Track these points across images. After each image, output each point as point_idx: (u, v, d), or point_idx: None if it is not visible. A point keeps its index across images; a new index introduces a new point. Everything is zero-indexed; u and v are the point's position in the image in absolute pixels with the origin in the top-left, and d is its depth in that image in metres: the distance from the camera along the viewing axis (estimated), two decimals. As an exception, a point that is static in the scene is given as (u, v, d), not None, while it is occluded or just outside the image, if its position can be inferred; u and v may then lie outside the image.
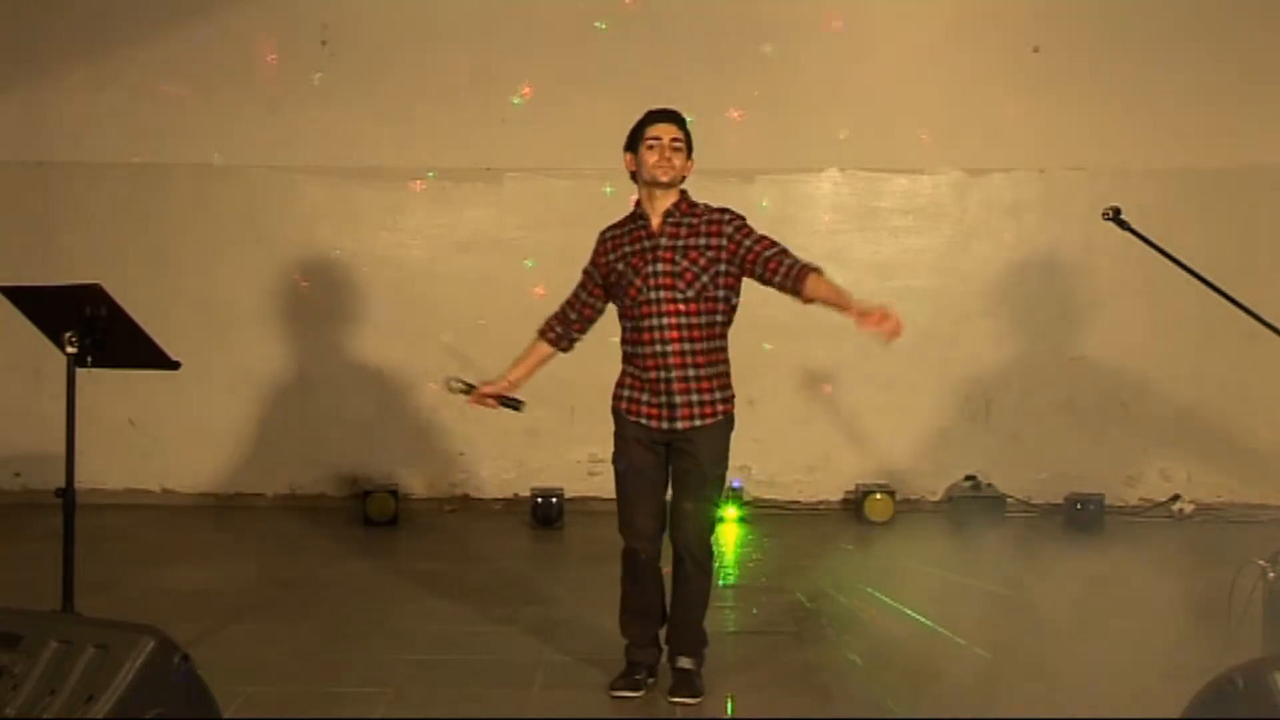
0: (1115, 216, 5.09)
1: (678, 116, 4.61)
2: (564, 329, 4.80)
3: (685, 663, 4.67)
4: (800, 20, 7.59)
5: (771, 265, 4.47)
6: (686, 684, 4.62)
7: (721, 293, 4.51)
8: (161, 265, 7.57)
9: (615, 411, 4.65)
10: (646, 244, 4.53)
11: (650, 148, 4.52)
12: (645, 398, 4.54)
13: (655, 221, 4.54)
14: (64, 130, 7.60)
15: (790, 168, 7.60)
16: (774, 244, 4.52)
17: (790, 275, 4.43)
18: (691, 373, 4.49)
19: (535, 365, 4.85)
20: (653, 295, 4.49)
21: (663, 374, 4.50)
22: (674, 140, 4.53)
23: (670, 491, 4.62)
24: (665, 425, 4.52)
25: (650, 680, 4.70)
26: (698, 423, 4.50)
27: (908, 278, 7.68)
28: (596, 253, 4.69)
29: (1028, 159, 7.66)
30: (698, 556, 4.59)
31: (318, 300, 7.66)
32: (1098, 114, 7.56)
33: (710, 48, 7.53)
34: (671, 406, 4.50)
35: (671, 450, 4.57)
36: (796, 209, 7.65)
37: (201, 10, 7.57)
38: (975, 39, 7.61)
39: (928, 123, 7.62)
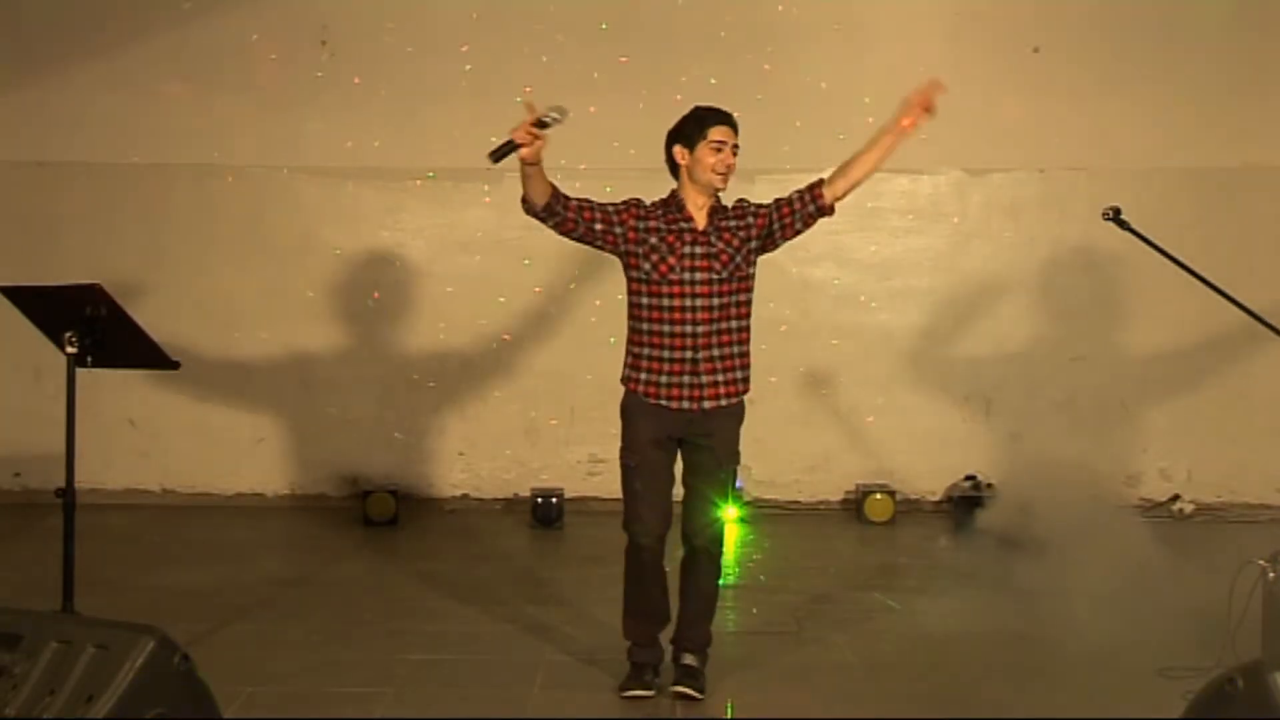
0: (1115, 216, 5.10)
1: (735, 121, 4.60)
2: (563, 204, 4.63)
3: (690, 659, 4.68)
4: (800, 20, 7.59)
5: (785, 209, 4.58)
6: (690, 677, 4.63)
7: (751, 269, 4.59)
8: (161, 265, 7.56)
9: (626, 407, 4.60)
10: (684, 225, 4.53)
11: (716, 150, 4.51)
12: (665, 379, 4.52)
13: (697, 214, 4.56)
14: (64, 130, 7.59)
15: (790, 168, 7.57)
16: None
17: (807, 198, 4.55)
18: (717, 352, 4.53)
19: (538, 172, 4.66)
20: (687, 276, 4.49)
21: (689, 354, 4.50)
22: (736, 147, 4.55)
23: (683, 485, 4.62)
24: (687, 405, 4.50)
25: (657, 680, 4.70)
26: (723, 402, 4.53)
27: (908, 278, 7.68)
28: (627, 209, 4.61)
29: (1028, 159, 7.66)
30: (710, 550, 4.62)
31: (318, 300, 7.65)
32: (1098, 114, 7.56)
33: (711, 47, 7.52)
34: (699, 386, 4.50)
35: (685, 444, 4.58)
36: (796, 209, 7.64)
37: (201, 10, 7.56)
38: (975, 39, 7.60)
39: (928, 123, 7.60)
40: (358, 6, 7.63)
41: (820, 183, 4.58)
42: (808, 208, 4.56)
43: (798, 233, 4.63)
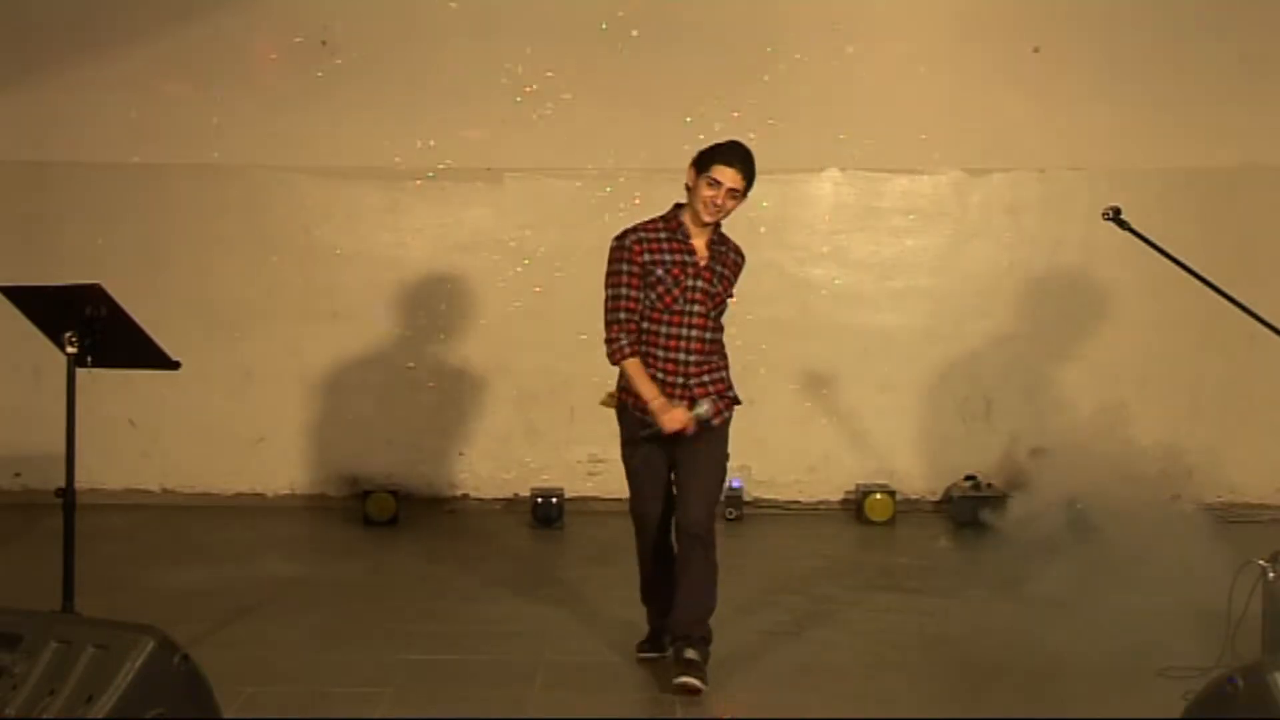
0: (1115, 216, 5.09)
1: (749, 168, 4.70)
2: (638, 337, 4.74)
3: (691, 653, 4.71)
4: (801, 20, 7.59)
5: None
6: (694, 669, 4.66)
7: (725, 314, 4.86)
8: (161, 265, 7.56)
9: (622, 406, 4.81)
10: (688, 259, 4.73)
11: (710, 185, 4.66)
12: None
13: (699, 245, 4.74)
14: (64, 130, 7.58)
15: (790, 168, 7.59)
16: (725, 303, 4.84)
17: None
18: (707, 377, 4.77)
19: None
20: (687, 308, 4.72)
21: (681, 380, 4.71)
22: (732, 190, 4.67)
23: (674, 479, 4.80)
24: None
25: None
26: (726, 414, 4.77)
27: (908, 278, 7.68)
28: (631, 253, 4.70)
29: (1028, 159, 7.66)
30: (704, 539, 4.74)
31: (318, 300, 7.65)
32: (1098, 114, 7.55)
33: (711, 48, 7.52)
34: (694, 406, 4.67)
35: (679, 441, 4.72)
36: (796, 209, 7.65)
37: (201, 10, 7.56)
38: (975, 39, 7.61)
39: (928, 123, 7.62)
40: (358, 6, 7.63)
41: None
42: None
43: None
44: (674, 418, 4.57)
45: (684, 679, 4.62)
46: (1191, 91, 7.56)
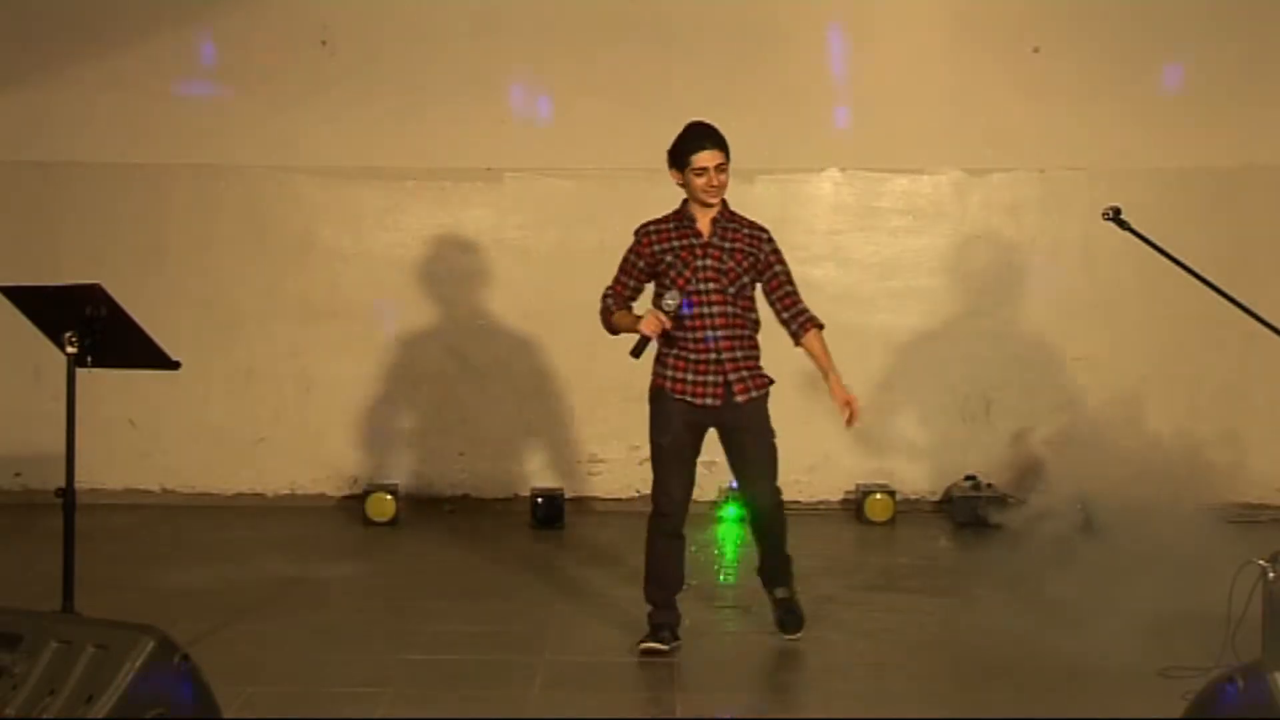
0: (1115, 216, 5.10)
1: (720, 140, 4.93)
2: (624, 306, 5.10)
3: (782, 592, 5.22)
4: (801, 20, 7.59)
5: (786, 302, 5.10)
6: (793, 619, 5.17)
7: (751, 295, 5.09)
8: (161, 265, 7.56)
9: (656, 390, 4.99)
10: (695, 241, 4.97)
11: (699, 174, 4.89)
12: (691, 377, 4.94)
13: (704, 227, 4.98)
14: (64, 130, 7.59)
15: (790, 168, 7.60)
16: (792, 279, 5.12)
17: (797, 318, 5.11)
18: (740, 354, 4.98)
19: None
20: (702, 286, 4.92)
21: (713, 356, 4.93)
22: (719, 166, 4.92)
23: (732, 469, 5.16)
24: (710, 402, 4.93)
25: (675, 642, 5.00)
26: (754, 394, 5.00)
27: (908, 278, 7.68)
28: (640, 244, 5.03)
29: (1028, 159, 7.66)
30: (776, 513, 5.16)
31: (318, 300, 7.65)
32: (1098, 114, 7.55)
33: (710, 47, 7.52)
34: (727, 385, 4.94)
35: (723, 433, 5.05)
36: (796, 209, 7.65)
37: (202, 10, 7.57)
38: (975, 39, 7.61)
39: (928, 123, 7.62)
40: (358, 6, 7.63)
41: (815, 329, 5.13)
42: (786, 324, 5.15)
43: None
44: (647, 323, 4.82)
45: (792, 635, 5.16)
46: (1191, 91, 7.56)
